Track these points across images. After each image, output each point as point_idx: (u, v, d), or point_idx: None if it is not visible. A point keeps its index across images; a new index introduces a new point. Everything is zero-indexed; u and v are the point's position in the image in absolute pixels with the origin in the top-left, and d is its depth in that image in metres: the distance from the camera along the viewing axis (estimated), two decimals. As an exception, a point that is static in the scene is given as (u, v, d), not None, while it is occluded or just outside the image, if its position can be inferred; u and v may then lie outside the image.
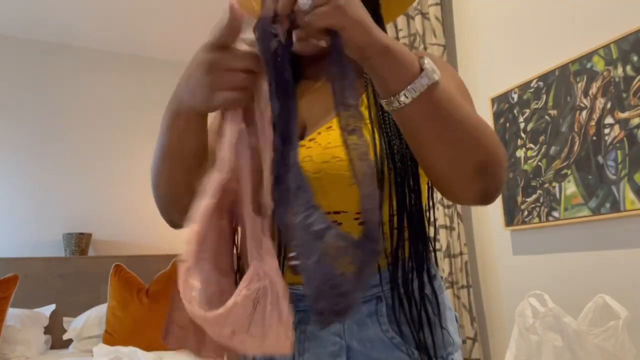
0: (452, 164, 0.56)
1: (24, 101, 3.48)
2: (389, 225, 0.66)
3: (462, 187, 0.58)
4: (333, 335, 0.67)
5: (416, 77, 0.51)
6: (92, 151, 3.62)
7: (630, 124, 1.64)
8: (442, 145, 0.55)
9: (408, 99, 0.52)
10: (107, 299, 2.90)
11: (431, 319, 0.66)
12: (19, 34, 3.49)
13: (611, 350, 1.39)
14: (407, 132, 0.56)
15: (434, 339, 0.65)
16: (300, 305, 0.67)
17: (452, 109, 0.54)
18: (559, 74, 1.90)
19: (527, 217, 2.00)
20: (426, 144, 0.56)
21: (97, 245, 3.50)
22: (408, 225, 0.66)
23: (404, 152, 0.66)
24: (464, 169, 0.57)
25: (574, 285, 1.84)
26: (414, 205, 0.66)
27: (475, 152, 0.56)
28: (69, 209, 3.46)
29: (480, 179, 0.57)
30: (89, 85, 3.70)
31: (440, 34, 2.40)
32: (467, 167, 0.56)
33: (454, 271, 2.24)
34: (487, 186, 0.58)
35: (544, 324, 1.52)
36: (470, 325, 2.16)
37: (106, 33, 3.56)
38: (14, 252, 3.25)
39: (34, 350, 2.67)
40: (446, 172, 0.58)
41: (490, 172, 0.57)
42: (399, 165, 0.65)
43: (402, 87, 0.51)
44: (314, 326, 0.66)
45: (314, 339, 0.67)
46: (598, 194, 1.73)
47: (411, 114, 0.53)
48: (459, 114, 0.55)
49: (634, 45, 1.64)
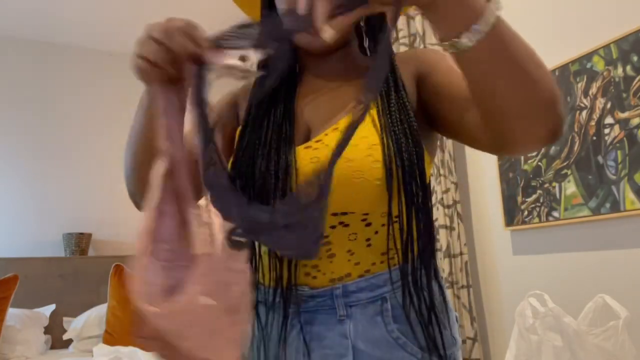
0: (525, 102, 0.54)
1: (24, 101, 3.48)
2: (398, 222, 0.66)
3: (534, 126, 0.56)
4: (339, 336, 0.66)
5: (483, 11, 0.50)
6: (92, 151, 3.62)
7: (630, 124, 1.64)
8: (514, 82, 0.53)
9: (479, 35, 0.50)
10: (107, 299, 2.90)
11: (440, 317, 0.66)
12: (19, 34, 3.49)
13: (611, 350, 1.39)
14: (478, 72, 0.54)
15: (443, 338, 0.66)
16: (305, 306, 0.68)
17: (520, 43, 0.53)
18: (559, 74, 1.90)
19: (527, 217, 2.00)
20: (498, 82, 0.54)
21: (97, 245, 3.50)
22: (417, 222, 0.65)
23: (410, 150, 0.66)
24: (537, 107, 0.55)
25: (574, 285, 1.84)
26: (422, 203, 0.66)
27: (545, 89, 0.54)
28: (69, 209, 3.46)
29: (552, 116, 0.56)
30: (89, 85, 3.70)
31: (440, 34, 2.40)
32: (540, 103, 0.54)
33: (454, 271, 2.24)
34: (557, 122, 0.56)
35: (544, 324, 1.52)
36: (470, 325, 2.16)
37: (106, 33, 3.56)
38: (14, 252, 3.25)
39: (34, 350, 2.67)
40: (518, 112, 0.55)
41: (559, 108, 0.56)
42: (407, 163, 0.65)
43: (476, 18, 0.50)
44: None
45: (320, 339, 0.67)
46: (598, 194, 1.73)
47: (481, 51, 0.51)
48: (527, 49, 0.54)
49: (634, 45, 1.64)
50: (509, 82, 0.53)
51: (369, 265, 0.68)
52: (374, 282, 0.67)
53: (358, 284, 0.67)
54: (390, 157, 0.64)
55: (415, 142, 0.66)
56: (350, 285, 0.67)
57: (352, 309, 0.67)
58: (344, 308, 0.67)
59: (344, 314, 0.67)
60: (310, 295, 0.67)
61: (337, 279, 0.67)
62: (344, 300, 0.67)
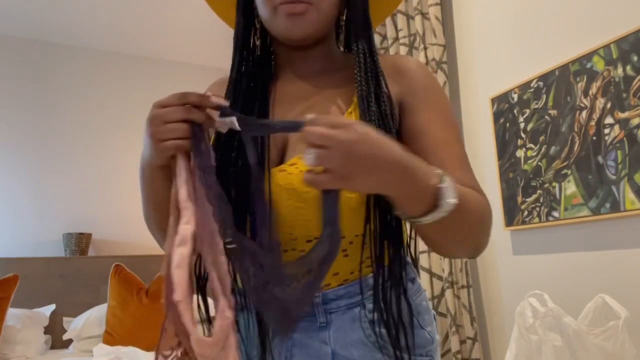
0: (458, 248, 0.65)
1: (24, 101, 3.48)
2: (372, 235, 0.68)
3: (460, 255, 0.68)
4: (319, 342, 0.69)
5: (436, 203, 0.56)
6: (92, 151, 3.62)
7: (630, 124, 1.64)
8: (454, 240, 0.63)
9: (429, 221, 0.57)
10: (107, 299, 2.90)
11: (405, 323, 0.68)
12: (19, 34, 3.49)
13: (611, 350, 1.39)
14: (423, 235, 0.64)
15: (408, 339, 0.68)
16: None
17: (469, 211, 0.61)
18: (559, 74, 1.90)
19: (527, 217, 2.00)
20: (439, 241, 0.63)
21: (97, 245, 3.50)
22: (388, 236, 0.68)
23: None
24: (467, 248, 0.66)
25: (574, 285, 1.84)
26: (393, 218, 0.68)
27: (479, 237, 0.65)
28: (69, 209, 3.46)
29: (478, 250, 0.68)
30: (89, 85, 3.70)
31: (440, 34, 2.40)
32: (471, 246, 0.66)
33: (454, 271, 2.24)
34: (481, 250, 0.68)
35: (544, 324, 1.52)
36: (470, 325, 2.16)
37: (107, 33, 3.56)
38: (14, 252, 3.25)
39: (34, 350, 2.67)
40: (452, 251, 0.66)
41: (486, 244, 0.68)
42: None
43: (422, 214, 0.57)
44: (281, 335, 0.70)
45: (301, 346, 0.70)
46: (598, 194, 1.73)
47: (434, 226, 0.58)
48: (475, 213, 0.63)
49: (634, 45, 1.64)
50: (454, 241, 0.63)
51: (347, 274, 0.70)
52: (351, 289, 0.70)
53: (337, 292, 0.70)
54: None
55: None
56: (330, 294, 0.70)
57: (332, 316, 0.70)
58: (324, 315, 0.70)
59: (324, 320, 0.70)
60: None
61: None
62: (323, 308, 0.70)
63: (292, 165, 0.68)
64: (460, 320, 2.22)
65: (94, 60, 3.74)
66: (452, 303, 2.20)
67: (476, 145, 2.32)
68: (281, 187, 0.67)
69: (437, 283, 2.31)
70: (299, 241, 0.68)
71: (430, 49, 2.46)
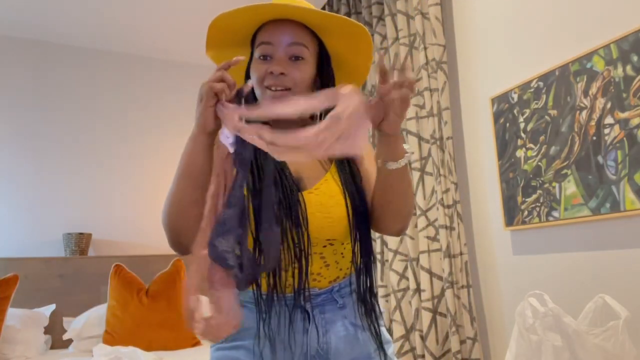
0: (400, 208, 0.99)
1: (24, 101, 3.48)
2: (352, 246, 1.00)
3: (396, 223, 1.01)
4: (341, 318, 0.99)
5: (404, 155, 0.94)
6: (92, 151, 3.62)
7: (630, 124, 1.64)
8: (399, 195, 0.97)
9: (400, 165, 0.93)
10: (107, 299, 2.90)
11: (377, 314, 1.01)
12: (19, 34, 3.49)
13: (611, 350, 1.39)
14: (388, 183, 0.96)
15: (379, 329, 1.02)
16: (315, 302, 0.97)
17: (408, 175, 0.97)
18: (559, 74, 1.90)
19: (527, 217, 2.00)
20: (394, 193, 0.97)
21: (97, 245, 3.50)
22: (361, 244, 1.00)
23: (356, 196, 1.01)
24: (403, 212, 1.00)
25: (574, 285, 1.84)
26: (367, 233, 1.01)
27: (411, 203, 1.00)
28: (69, 209, 3.46)
29: (406, 220, 1.02)
30: (89, 85, 3.70)
31: (440, 34, 2.40)
32: (406, 211, 1.00)
33: (454, 271, 2.24)
34: (406, 225, 1.03)
35: (544, 324, 1.52)
36: (470, 325, 2.16)
37: (106, 33, 3.56)
38: (14, 252, 3.25)
39: (34, 350, 2.67)
40: (393, 213, 0.99)
41: (411, 215, 1.03)
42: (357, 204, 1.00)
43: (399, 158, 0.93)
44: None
45: (332, 322, 0.98)
46: (598, 194, 1.73)
47: (396, 173, 0.94)
48: (411, 182, 1.00)
49: (634, 45, 1.64)
50: (399, 196, 0.97)
51: (346, 270, 1.02)
52: (351, 281, 1.03)
53: (345, 282, 1.02)
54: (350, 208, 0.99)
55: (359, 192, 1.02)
56: (341, 284, 1.01)
57: (344, 299, 1.01)
58: (340, 299, 1.00)
59: (341, 303, 1.00)
60: (318, 293, 0.98)
61: (332, 280, 1.00)
62: (339, 294, 1.00)
63: (316, 189, 0.99)
64: (460, 320, 2.22)
65: (93, 60, 3.74)
66: (452, 303, 2.20)
67: (476, 145, 2.32)
68: (311, 203, 0.96)
69: (437, 283, 2.31)
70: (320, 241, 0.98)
71: (430, 49, 2.45)
